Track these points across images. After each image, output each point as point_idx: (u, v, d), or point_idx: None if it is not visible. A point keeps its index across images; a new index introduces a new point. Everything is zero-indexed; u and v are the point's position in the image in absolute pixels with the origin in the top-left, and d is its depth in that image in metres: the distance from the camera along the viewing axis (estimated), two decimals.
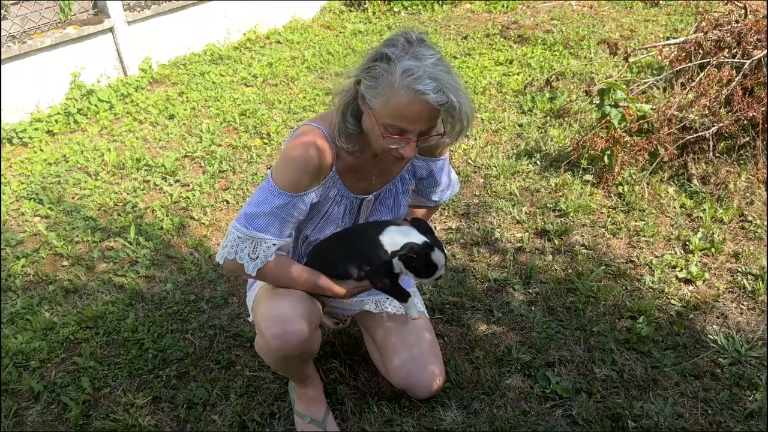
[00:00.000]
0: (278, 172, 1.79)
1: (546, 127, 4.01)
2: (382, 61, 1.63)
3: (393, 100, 1.61)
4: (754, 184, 3.18)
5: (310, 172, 1.78)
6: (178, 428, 2.17)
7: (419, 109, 1.62)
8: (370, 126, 1.71)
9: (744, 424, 2.04)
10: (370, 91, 1.65)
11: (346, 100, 1.74)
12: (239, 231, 1.79)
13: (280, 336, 1.83)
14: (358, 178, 1.92)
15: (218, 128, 4.21)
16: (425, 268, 1.85)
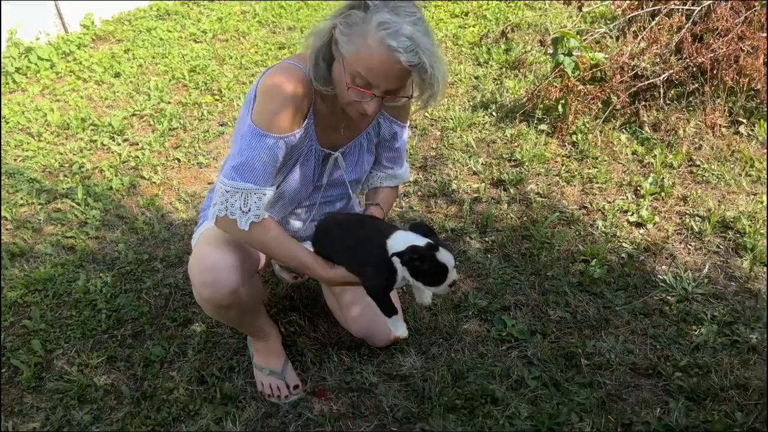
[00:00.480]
0: (261, 113, 1.67)
1: (502, 79, 4.00)
2: (360, 8, 1.56)
3: (364, 50, 1.55)
4: (702, 130, 3.25)
5: (291, 107, 1.68)
6: (135, 386, 2.14)
7: (389, 66, 1.55)
8: (338, 74, 1.64)
9: (690, 356, 2.13)
10: (343, 38, 1.58)
11: (319, 43, 1.65)
12: (226, 185, 1.70)
13: (209, 285, 1.79)
14: (329, 129, 1.85)
15: (167, 85, 4.06)
16: (433, 272, 1.66)
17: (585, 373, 2.10)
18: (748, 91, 3.31)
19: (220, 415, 2.02)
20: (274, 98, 1.67)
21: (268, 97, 1.68)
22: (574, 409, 1.98)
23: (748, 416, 1.91)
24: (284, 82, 1.67)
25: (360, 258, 1.79)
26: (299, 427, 1.99)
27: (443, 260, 1.64)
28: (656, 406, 1.97)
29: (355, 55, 1.57)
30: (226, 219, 1.73)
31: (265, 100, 1.68)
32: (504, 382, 2.09)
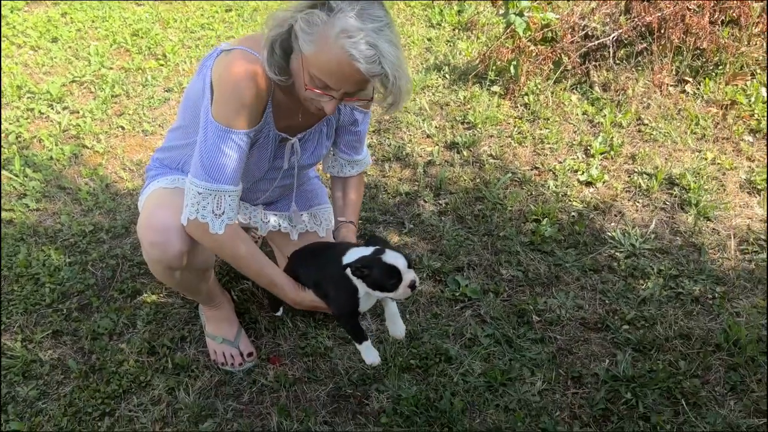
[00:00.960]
0: (223, 109, 1.61)
1: (454, 41, 3.97)
2: (322, 9, 1.47)
3: (324, 54, 1.48)
4: (651, 89, 3.30)
5: (254, 102, 1.63)
6: (82, 360, 2.09)
7: (348, 72, 1.49)
8: (297, 68, 1.58)
9: (637, 310, 2.19)
10: (303, 35, 1.50)
11: (277, 33, 1.56)
12: (198, 186, 1.64)
13: (159, 245, 1.74)
14: (287, 114, 1.78)
15: (108, 50, 3.89)
16: (384, 275, 1.61)
17: (536, 329, 2.14)
18: (694, 50, 3.36)
19: (172, 385, 1.99)
20: (236, 94, 1.60)
21: (229, 92, 1.61)
22: (526, 365, 2.02)
23: (690, 364, 1.98)
24: (245, 76, 1.60)
25: (322, 280, 1.76)
26: (254, 394, 1.97)
27: (391, 261, 1.61)
28: (605, 358, 2.03)
29: (315, 57, 1.50)
30: (196, 222, 1.67)
31: (226, 95, 1.61)
32: (458, 340, 2.11)
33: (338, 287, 1.71)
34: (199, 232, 1.70)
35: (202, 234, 1.69)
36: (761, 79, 3.24)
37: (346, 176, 2.06)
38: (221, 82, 1.62)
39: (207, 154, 1.63)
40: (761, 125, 3.01)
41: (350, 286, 1.68)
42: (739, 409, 1.85)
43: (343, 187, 2.07)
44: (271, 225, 2.09)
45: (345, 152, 2.01)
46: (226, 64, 1.61)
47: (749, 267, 2.33)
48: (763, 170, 2.77)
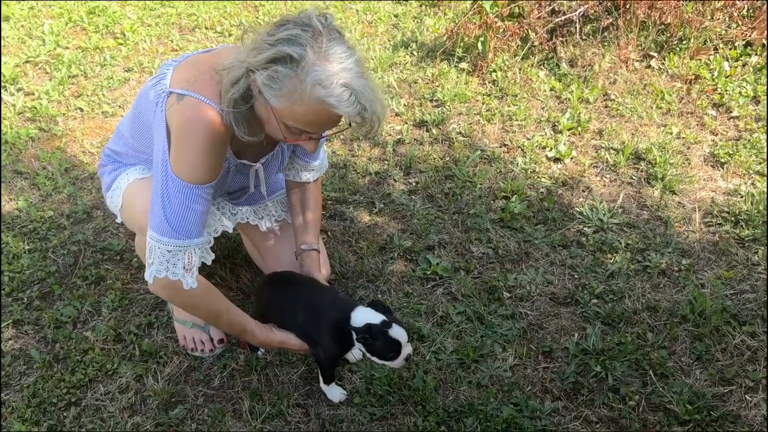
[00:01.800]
0: (184, 166, 1.55)
1: (421, 17, 3.92)
2: (285, 64, 1.42)
3: (299, 107, 1.45)
4: (617, 65, 3.31)
5: (214, 154, 1.58)
6: (45, 349, 2.03)
7: (327, 118, 1.48)
8: (266, 116, 1.53)
9: (605, 284, 2.21)
10: (270, 91, 1.45)
11: (236, 93, 1.50)
12: (167, 244, 1.58)
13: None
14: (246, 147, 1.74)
15: (63, 29, 3.74)
16: (388, 350, 1.66)
17: (507, 305, 2.15)
18: (659, 25, 3.38)
19: (140, 372, 1.95)
20: (197, 152, 1.55)
21: (190, 150, 1.55)
22: (497, 341, 2.03)
23: (657, 336, 2.02)
24: (204, 133, 1.54)
25: (319, 326, 1.76)
26: (225, 379, 1.95)
27: (396, 336, 1.65)
28: (574, 332, 2.05)
29: (289, 110, 1.47)
30: (166, 281, 1.61)
31: (187, 152, 1.56)
32: (430, 319, 2.11)
33: (334, 339, 1.74)
34: (169, 291, 1.65)
35: (174, 292, 1.65)
36: (723, 54, 3.28)
37: (302, 182, 2.01)
38: (180, 137, 1.56)
39: (171, 212, 1.57)
40: (724, 99, 3.06)
41: (348, 343, 1.71)
42: (705, 378, 1.89)
43: (301, 201, 2.02)
44: (240, 216, 2.06)
45: (301, 158, 1.97)
46: (183, 116, 1.56)
47: (713, 239, 2.37)
48: (727, 144, 2.81)
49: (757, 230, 2.37)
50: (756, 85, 3.09)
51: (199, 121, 1.55)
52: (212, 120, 1.55)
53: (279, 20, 1.50)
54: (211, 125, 1.55)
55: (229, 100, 1.52)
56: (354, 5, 4.03)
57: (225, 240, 2.42)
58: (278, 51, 1.42)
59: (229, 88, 1.51)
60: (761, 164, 2.68)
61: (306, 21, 1.45)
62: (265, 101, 1.48)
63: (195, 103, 1.56)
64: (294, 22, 1.46)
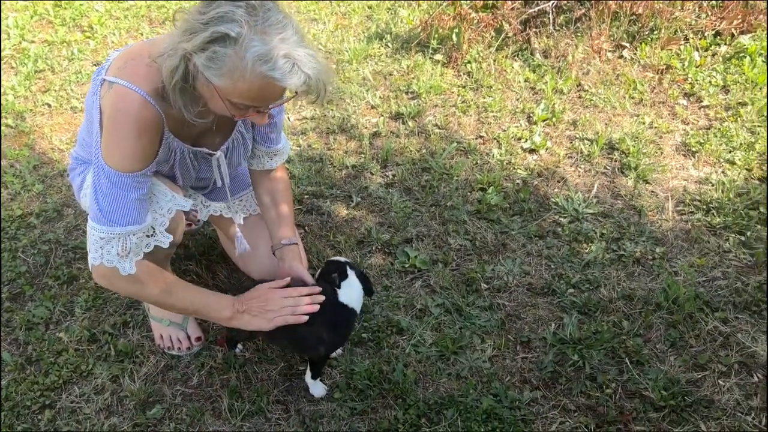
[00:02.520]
0: (111, 155, 1.54)
1: (395, 8, 3.90)
2: (223, 43, 1.39)
3: (243, 84, 1.43)
4: (590, 55, 3.34)
5: (144, 143, 1.56)
6: (18, 352, 1.98)
7: (272, 91, 1.47)
8: (209, 95, 1.50)
9: (581, 273, 2.24)
10: (210, 71, 1.42)
11: (177, 78, 1.47)
12: (100, 231, 1.57)
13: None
14: (199, 134, 1.72)
15: (28, 22, 3.64)
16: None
17: (485, 296, 2.16)
18: (631, 15, 3.41)
19: (116, 373, 1.92)
20: (123, 139, 1.54)
21: (116, 137, 1.54)
22: (476, 332, 2.04)
23: (633, 324, 2.05)
24: (129, 118, 1.52)
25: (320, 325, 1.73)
26: (203, 377, 1.93)
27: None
28: (551, 322, 2.07)
29: (233, 88, 1.44)
30: (102, 268, 1.59)
31: (114, 140, 1.54)
32: (409, 311, 2.11)
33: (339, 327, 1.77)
34: (107, 279, 1.63)
35: (113, 278, 1.62)
36: (694, 44, 3.32)
37: (268, 170, 1.99)
38: (108, 126, 1.55)
39: (103, 199, 1.56)
40: (694, 89, 3.10)
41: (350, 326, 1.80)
42: (679, 365, 1.92)
43: (271, 193, 2.00)
44: (212, 209, 2.03)
45: (263, 144, 1.94)
46: (112, 105, 1.54)
47: (686, 227, 2.41)
48: (698, 133, 2.85)
49: (728, 218, 2.41)
50: (725, 75, 3.14)
51: (125, 109, 1.53)
52: (139, 108, 1.53)
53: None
54: (138, 113, 1.53)
55: (172, 87, 1.49)
56: None
57: (200, 237, 2.40)
58: (213, 32, 1.39)
59: (168, 75, 1.48)
60: (731, 152, 2.72)
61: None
62: (207, 81, 1.46)
63: (123, 91, 1.54)
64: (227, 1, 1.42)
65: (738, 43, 3.28)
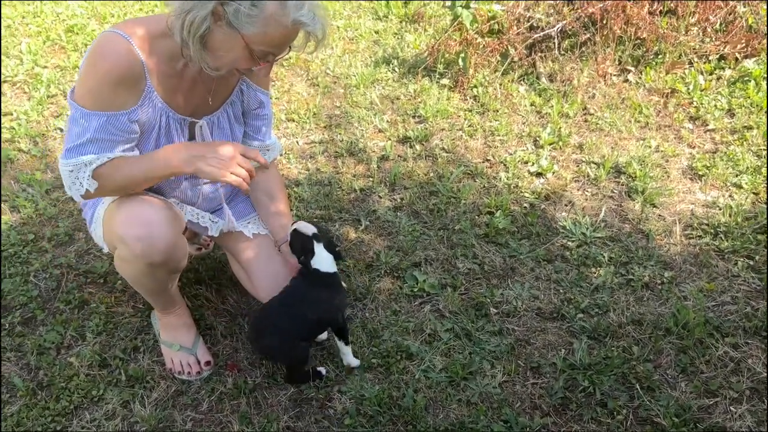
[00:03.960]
0: (81, 91, 1.59)
1: (402, 33, 3.96)
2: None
3: (275, 32, 1.54)
4: (595, 79, 3.37)
5: (118, 86, 1.59)
6: (29, 377, 1.99)
7: (293, 37, 1.59)
8: (228, 47, 1.57)
9: (590, 298, 2.24)
10: (247, 19, 1.51)
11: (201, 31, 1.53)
12: (68, 165, 1.64)
13: (145, 238, 1.69)
14: (187, 95, 1.75)
15: (41, 48, 3.70)
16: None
17: (494, 321, 2.16)
18: (635, 40, 3.45)
19: (126, 398, 1.92)
20: (94, 75, 1.59)
21: (88, 74, 1.60)
22: (485, 357, 2.04)
23: (643, 349, 2.04)
24: (103, 57, 1.58)
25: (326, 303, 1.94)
26: (213, 402, 1.93)
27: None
28: (561, 348, 2.07)
29: (262, 35, 1.53)
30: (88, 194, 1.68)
31: (86, 76, 1.60)
32: (418, 336, 2.12)
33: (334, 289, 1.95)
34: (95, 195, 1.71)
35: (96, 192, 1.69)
36: (698, 67, 3.35)
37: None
38: (87, 63, 1.60)
39: (73, 138, 1.62)
40: (700, 112, 3.12)
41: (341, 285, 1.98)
42: (690, 391, 1.92)
43: (267, 191, 2.06)
44: (221, 225, 2.05)
45: (255, 138, 2.00)
46: (96, 45, 1.60)
47: (694, 251, 2.42)
48: (704, 156, 2.87)
49: (736, 242, 2.42)
50: (730, 99, 3.17)
51: (107, 52, 1.58)
52: (121, 52, 1.58)
53: None
54: (119, 57, 1.58)
55: (197, 39, 1.55)
56: (335, 22, 4.05)
57: (210, 261, 2.41)
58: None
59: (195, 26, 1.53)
60: (738, 176, 2.74)
61: None
62: (231, 30, 1.53)
63: (110, 35, 1.60)
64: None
65: (742, 67, 3.31)
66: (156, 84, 1.67)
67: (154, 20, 1.64)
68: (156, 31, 1.61)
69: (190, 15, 1.52)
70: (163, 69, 1.66)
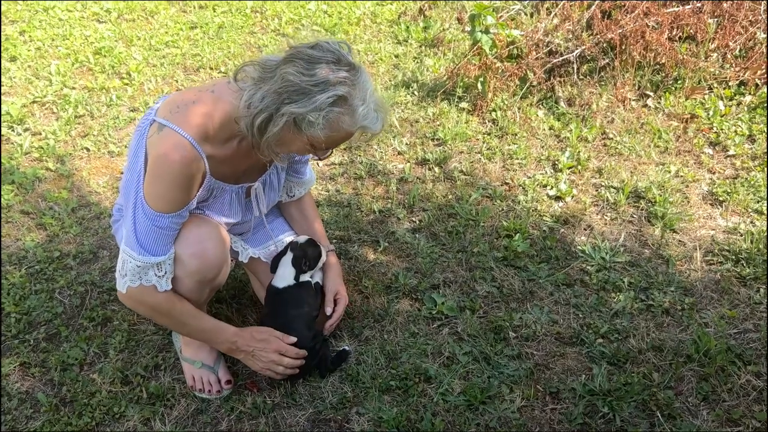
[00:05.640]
0: (153, 196, 1.68)
1: (421, 57, 4.01)
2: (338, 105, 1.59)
3: (340, 135, 1.65)
4: (614, 104, 3.38)
5: (186, 188, 1.71)
6: (52, 392, 2.02)
7: (356, 136, 1.71)
8: (291, 142, 1.67)
9: (610, 323, 2.23)
10: (318, 127, 1.59)
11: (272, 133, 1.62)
12: (137, 260, 1.72)
13: (200, 255, 1.78)
14: (236, 173, 1.86)
15: (70, 69, 3.81)
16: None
17: (513, 345, 2.16)
18: (654, 65, 3.46)
19: (147, 416, 1.95)
20: (164, 180, 1.67)
21: (158, 178, 1.67)
22: (504, 381, 2.03)
23: (663, 376, 2.03)
24: (173, 162, 1.65)
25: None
26: (232, 422, 1.94)
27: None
28: (581, 373, 2.06)
29: (327, 137, 1.63)
30: (141, 288, 1.75)
31: (155, 180, 1.67)
32: (436, 359, 2.12)
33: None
34: (142, 296, 1.77)
35: (148, 296, 1.77)
36: (718, 93, 3.36)
37: (295, 198, 2.18)
38: (154, 167, 1.66)
39: (141, 232, 1.70)
40: (720, 138, 3.12)
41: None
42: (712, 419, 1.89)
43: (302, 213, 2.20)
44: (251, 252, 2.11)
45: (294, 175, 2.12)
46: (160, 150, 1.66)
47: (715, 277, 2.40)
48: (724, 182, 2.86)
49: (758, 269, 2.40)
50: (751, 124, 3.16)
51: (172, 155, 1.64)
52: (185, 155, 1.65)
53: (307, 57, 1.59)
54: (183, 160, 1.65)
55: (269, 140, 1.64)
56: (356, 46, 4.11)
57: (231, 280, 2.44)
58: (332, 95, 1.57)
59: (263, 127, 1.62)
60: (759, 203, 2.72)
61: (337, 55, 1.61)
62: (299, 132, 1.62)
63: (173, 137, 1.65)
64: (327, 60, 1.58)
65: (762, 93, 3.30)
66: (213, 168, 1.76)
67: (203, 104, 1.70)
68: (211, 121, 1.69)
69: (260, 118, 1.61)
70: (221, 154, 1.75)
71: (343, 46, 1.65)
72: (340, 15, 4.50)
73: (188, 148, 1.65)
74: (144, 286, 1.74)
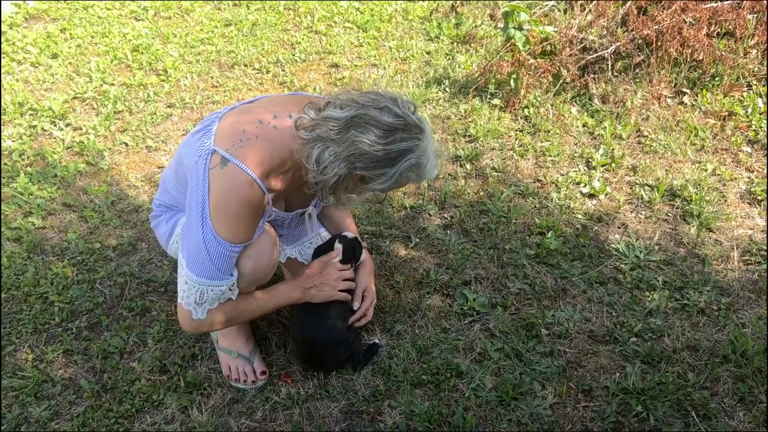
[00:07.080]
0: (225, 229, 1.74)
1: (453, 54, 4.00)
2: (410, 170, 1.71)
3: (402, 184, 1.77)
4: (649, 101, 3.34)
5: (254, 222, 1.80)
6: (94, 379, 2.09)
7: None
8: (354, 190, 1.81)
9: (644, 322, 2.21)
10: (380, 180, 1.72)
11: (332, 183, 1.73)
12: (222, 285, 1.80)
13: (255, 256, 1.84)
14: (292, 201, 1.99)
15: (109, 66, 3.90)
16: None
17: (545, 342, 2.16)
18: (691, 62, 3.41)
19: (185, 404, 2.00)
20: (234, 216, 1.74)
21: (228, 214, 1.74)
22: (536, 378, 2.03)
23: (699, 376, 2.01)
24: (241, 201, 1.73)
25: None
26: (267, 411, 1.98)
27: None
28: (614, 371, 2.05)
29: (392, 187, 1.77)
30: (181, 308, 1.83)
31: (225, 215, 1.74)
32: (468, 355, 2.13)
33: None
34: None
35: (185, 318, 1.84)
36: (757, 90, 3.29)
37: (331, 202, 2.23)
38: (221, 202, 1.73)
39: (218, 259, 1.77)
40: (759, 136, 3.06)
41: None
42: (749, 420, 1.87)
43: (336, 214, 2.25)
44: (288, 252, 2.17)
45: None
46: (226, 186, 1.72)
47: (753, 278, 2.36)
48: (763, 181, 2.81)
49: None
50: None
51: (239, 193, 1.72)
52: (252, 193, 1.73)
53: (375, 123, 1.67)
54: (250, 198, 1.74)
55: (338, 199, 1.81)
56: (388, 43, 4.13)
57: None
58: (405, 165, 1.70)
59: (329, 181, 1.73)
60: None
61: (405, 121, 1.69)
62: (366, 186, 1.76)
63: (239, 175, 1.72)
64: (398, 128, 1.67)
65: None
66: (273, 200, 1.85)
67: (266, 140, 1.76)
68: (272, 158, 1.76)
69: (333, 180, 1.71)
70: (279, 187, 1.83)
71: (410, 106, 1.73)
72: (372, 12, 4.52)
73: (255, 187, 1.73)
74: (183, 308, 1.82)
